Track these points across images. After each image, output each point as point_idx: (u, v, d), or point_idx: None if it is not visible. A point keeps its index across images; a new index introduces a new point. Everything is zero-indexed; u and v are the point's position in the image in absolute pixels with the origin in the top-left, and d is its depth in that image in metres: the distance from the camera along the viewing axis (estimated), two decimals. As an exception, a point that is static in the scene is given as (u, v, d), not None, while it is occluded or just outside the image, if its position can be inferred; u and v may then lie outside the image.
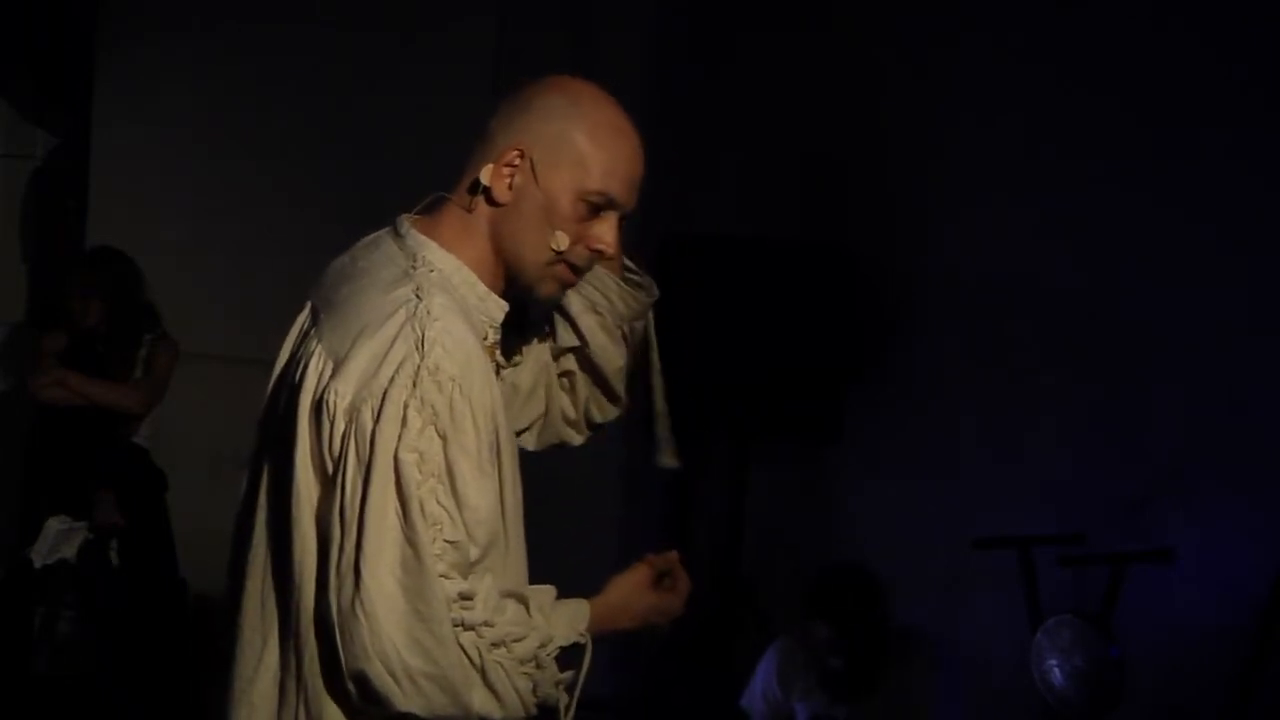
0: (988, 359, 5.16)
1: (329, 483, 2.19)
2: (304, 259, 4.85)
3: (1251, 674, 4.42)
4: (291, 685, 2.23)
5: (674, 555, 2.45)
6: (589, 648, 2.30)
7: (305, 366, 2.24)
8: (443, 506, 2.14)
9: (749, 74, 5.77)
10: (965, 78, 5.27)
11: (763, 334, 5.18)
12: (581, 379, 2.60)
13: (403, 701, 2.13)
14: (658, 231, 5.08)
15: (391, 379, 2.15)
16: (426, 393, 2.15)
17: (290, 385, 2.27)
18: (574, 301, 2.53)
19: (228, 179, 6.35)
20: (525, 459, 2.43)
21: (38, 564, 5.59)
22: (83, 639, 5.85)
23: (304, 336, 2.32)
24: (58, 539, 5.59)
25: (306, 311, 2.36)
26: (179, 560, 5.80)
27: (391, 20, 6.19)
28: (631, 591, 2.39)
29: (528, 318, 2.48)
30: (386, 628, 2.11)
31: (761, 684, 4.73)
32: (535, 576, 2.38)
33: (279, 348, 2.38)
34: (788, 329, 5.19)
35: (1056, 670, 4.49)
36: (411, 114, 6.10)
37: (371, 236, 2.38)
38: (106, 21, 6.50)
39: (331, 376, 2.20)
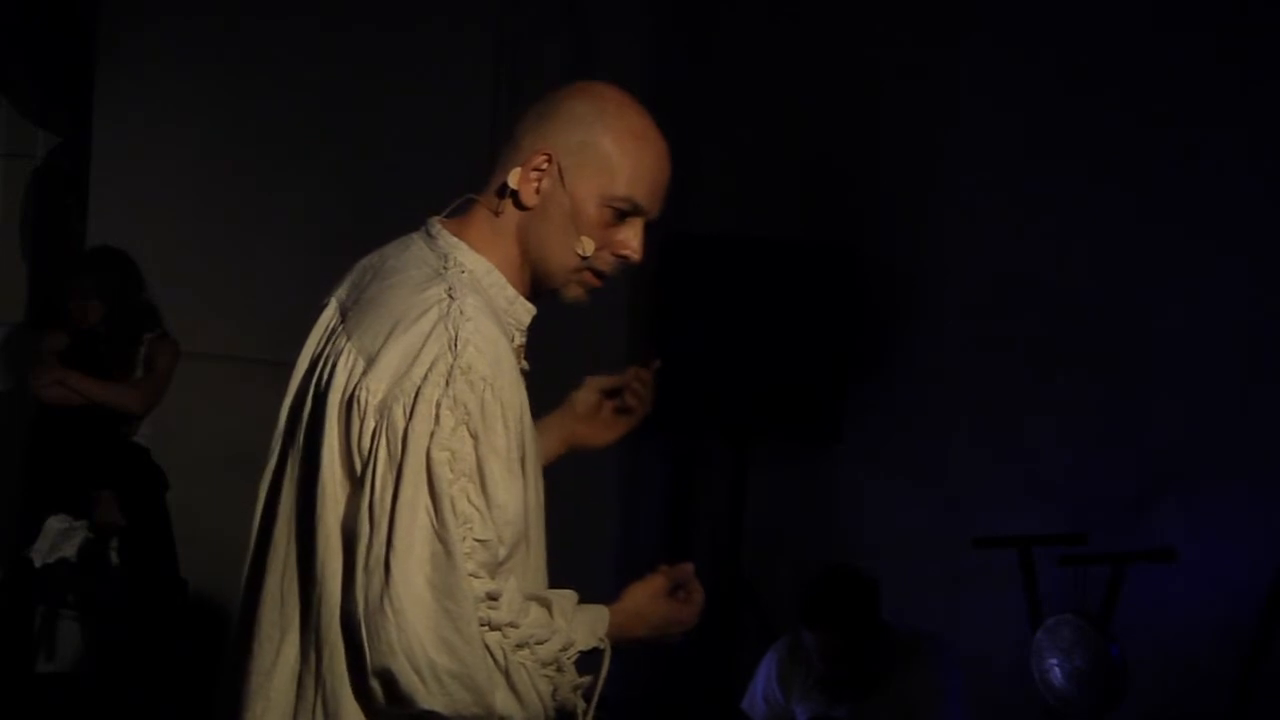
0: (987, 359, 5.17)
1: (357, 480, 2.19)
2: (305, 259, 4.88)
3: (1251, 673, 4.42)
4: (310, 681, 2.23)
5: (689, 567, 2.45)
6: (608, 654, 2.31)
7: (334, 364, 2.25)
8: (473, 505, 2.15)
9: (750, 74, 5.78)
10: (965, 79, 5.27)
11: (763, 334, 5.19)
12: None
13: (426, 699, 2.13)
14: (658, 232, 5.07)
15: (425, 377, 2.16)
16: (459, 392, 2.16)
17: (318, 383, 2.27)
18: None
19: (229, 179, 6.35)
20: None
21: (38, 563, 5.59)
22: (83, 638, 5.86)
23: (331, 335, 2.32)
24: (58, 538, 5.59)
25: (332, 310, 2.36)
26: (179, 560, 5.80)
27: (393, 19, 6.18)
28: (648, 600, 2.40)
29: None
30: (414, 625, 2.11)
31: (762, 687, 4.73)
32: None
33: (282, 347, 2.39)
34: (788, 329, 5.19)
35: (1057, 670, 4.49)
36: (413, 113, 6.10)
37: (402, 238, 2.38)
38: (107, 21, 6.50)
39: (363, 374, 2.20)
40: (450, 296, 2.22)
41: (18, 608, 5.81)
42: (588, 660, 2.29)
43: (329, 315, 2.36)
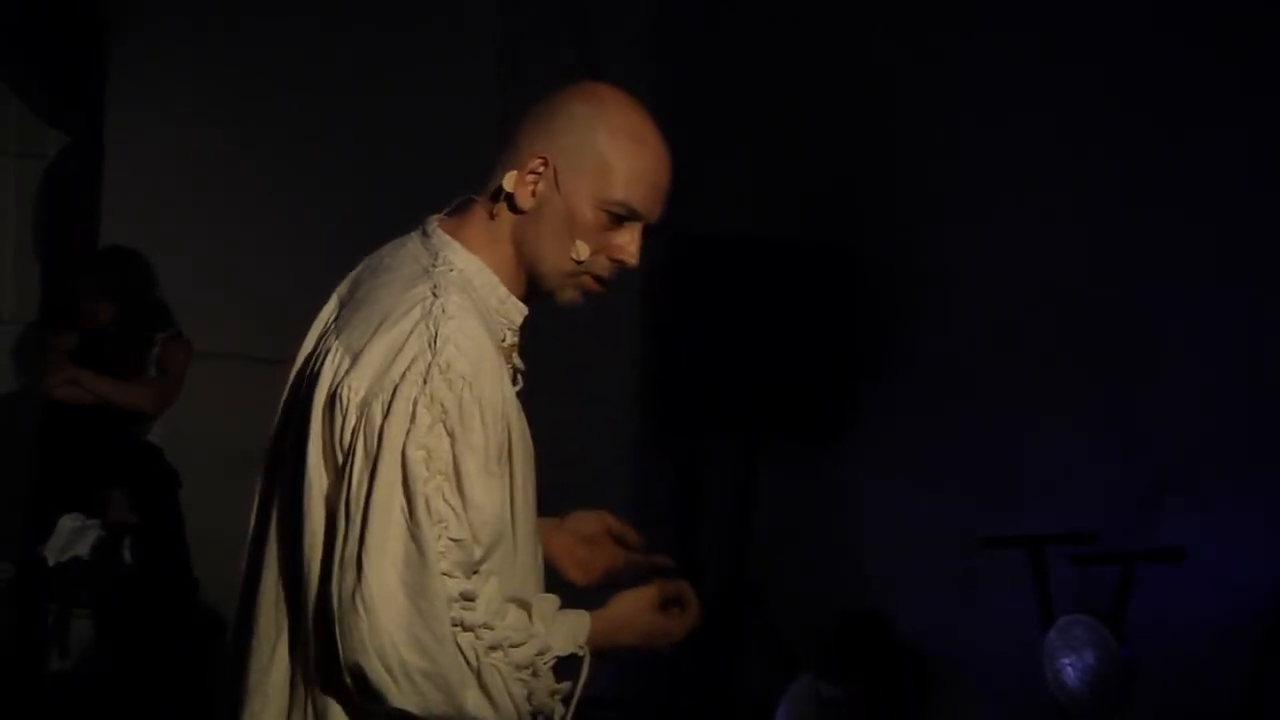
0: (997, 358, 5.16)
1: (338, 477, 2.20)
2: (318, 257, 4.87)
3: (1262, 673, 4.41)
4: (300, 679, 2.24)
5: (685, 584, 2.43)
6: (587, 660, 2.29)
7: (322, 361, 2.26)
8: (448, 504, 2.15)
9: (752, 74, 5.77)
10: (974, 78, 5.26)
11: (772, 334, 5.19)
12: None
13: (397, 697, 2.13)
14: (666, 232, 5.07)
15: (403, 375, 2.17)
16: (436, 390, 2.16)
17: (308, 378, 2.29)
18: None
19: (241, 177, 6.36)
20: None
21: (51, 561, 5.60)
22: (95, 637, 5.87)
23: (326, 330, 2.34)
24: (71, 537, 5.60)
25: (331, 306, 2.38)
26: (192, 559, 5.80)
27: (396, 19, 6.19)
28: (635, 609, 2.38)
29: None
30: (385, 622, 2.12)
31: None
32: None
33: (294, 345, 2.40)
34: (796, 329, 5.19)
35: (1069, 669, 4.48)
36: (422, 111, 6.10)
37: (401, 236, 2.39)
38: (119, 19, 6.51)
39: (347, 371, 2.21)
40: (434, 295, 2.22)
41: (30, 606, 5.82)
42: (568, 666, 2.28)
43: (328, 310, 2.38)
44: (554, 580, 2.45)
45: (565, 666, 2.28)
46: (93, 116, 6.55)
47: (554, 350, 2.63)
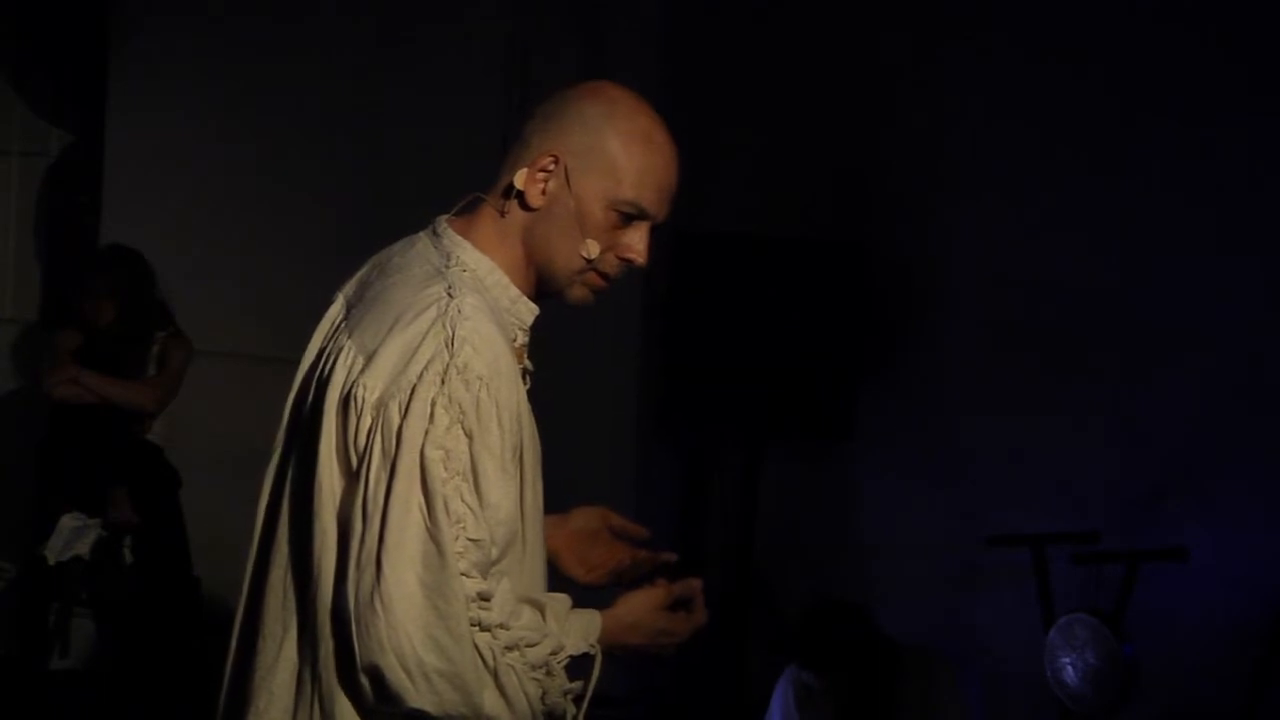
0: (1000, 356, 5.16)
1: (353, 477, 2.20)
2: (319, 256, 4.88)
3: (1264, 672, 4.42)
4: (307, 678, 2.24)
5: (697, 584, 2.44)
6: (598, 660, 2.30)
7: (335, 360, 2.26)
8: (466, 505, 2.16)
9: (761, 72, 5.78)
10: (975, 77, 5.27)
11: (775, 331, 5.18)
12: None
13: (414, 698, 2.13)
14: (670, 229, 5.07)
15: (420, 375, 2.17)
16: (454, 391, 2.16)
17: (319, 378, 2.28)
18: None
19: (242, 176, 6.36)
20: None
21: (52, 560, 5.60)
22: (96, 635, 5.87)
23: (335, 330, 2.33)
24: (72, 536, 5.60)
25: (338, 306, 2.38)
26: (192, 558, 5.81)
27: (404, 17, 6.19)
28: (643, 610, 2.39)
29: None
30: (404, 622, 2.12)
31: (779, 713, 4.67)
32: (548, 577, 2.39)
33: (294, 345, 2.40)
34: (800, 326, 5.19)
35: (1070, 668, 4.49)
36: (426, 111, 6.10)
37: (410, 236, 2.39)
38: (119, 18, 6.51)
39: (361, 371, 2.21)
40: (449, 295, 2.23)
41: (31, 605, 5.83)
42: (579, 665, 2.28)
43: (335, 311, 2.38)
44: (555, 577, 2.45)
45: (575, 666, 2.28)
46: (94, 115, 6.55)
47: (556, 349, 2.64)
